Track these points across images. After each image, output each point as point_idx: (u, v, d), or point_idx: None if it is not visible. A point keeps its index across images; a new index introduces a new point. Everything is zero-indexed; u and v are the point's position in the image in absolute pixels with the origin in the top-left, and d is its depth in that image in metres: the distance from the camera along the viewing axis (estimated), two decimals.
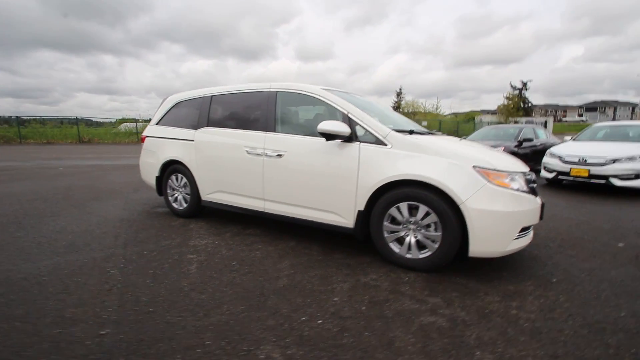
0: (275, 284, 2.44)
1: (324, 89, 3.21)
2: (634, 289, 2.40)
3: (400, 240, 2.74)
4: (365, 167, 2.77)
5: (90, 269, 2.65)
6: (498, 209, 2.38)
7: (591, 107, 77.79)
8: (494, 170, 2.47)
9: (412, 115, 34.49)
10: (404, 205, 2.64)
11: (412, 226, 2.66)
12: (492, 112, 50.14)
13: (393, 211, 2.70)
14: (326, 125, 2.81)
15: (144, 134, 4.61)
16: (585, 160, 5.91)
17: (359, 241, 3.21)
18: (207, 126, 3.86)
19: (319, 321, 1.97)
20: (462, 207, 2.40)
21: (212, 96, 3.94)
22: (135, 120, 24.79)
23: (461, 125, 31.58)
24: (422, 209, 2.57)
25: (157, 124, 4.49)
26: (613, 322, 1.99)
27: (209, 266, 2.74)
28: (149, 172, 4.48)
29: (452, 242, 2.48)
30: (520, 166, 2.75)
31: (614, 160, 5.62)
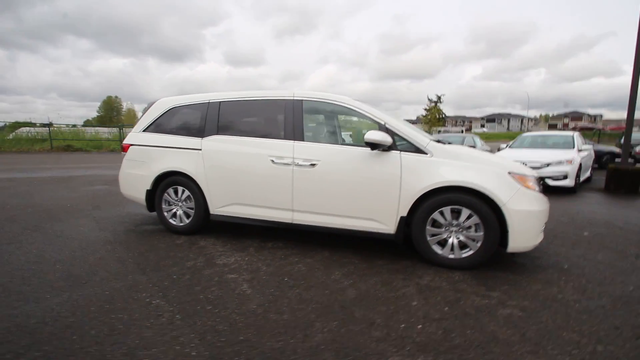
0: (346, 295, 2.41)
1: (354, 100, 3.28)
2: (623, 268, 2.99)
3: (441, 243, 2.94)
4: (408, 174, 2.92)
5: (124, 302, 2.26)
6: (532, 209, 2.74)
7: (491, 119, 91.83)
8: (524, 175, 2.84)
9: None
10: (447, 210, 2.85)
11: (454, 228, 2.88)
12: (413, 122, 55.33)
13: (436, 215, 2.89)
14: (374, 135, 2.89)
15: (127, 141, 4.05)
16: (526, 164, 7.01)
17: (398, 246, 3.32)
18: (217, 134, 3.59)
19: (419, 326, 2.03)
20: (503, 208, 2.70)
21: (220, 102, 3.68)
22: (32, 125, 20.85)
23: None
24: (465, 212, 2.81)
25: (144, 130, 3.99)
26: (629, 294, 2.46)
27: (262, 284, 2.56)
28: (136, 185, 3.94)
29: (493, 240, 2.77)
30: (533, 172, 3.20)
31: (548, 164, 6.80)
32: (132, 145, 3.98)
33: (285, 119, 3.37)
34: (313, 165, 3.16)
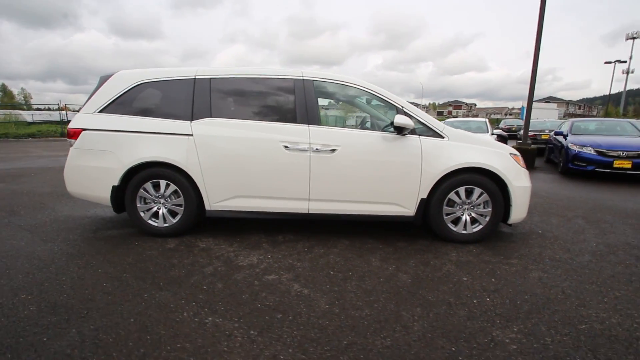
0: (401, 280, 2.41)
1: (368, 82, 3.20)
2: (575, 229, 3.71)
3: (454, 221, 3.17)
4: (427, 157, 3.02)
5: (167, 327, 1.81)
6: (527, 185, 3.16)
7: None
8: (518, 155, 3.24)
9: None
10: (462, 190, 3.08)
11: (466, 206, 3.14)
12: (325, 108, 57.14)
13: (452, 195, 3.09)
14: (402, 120, 2.88)
15: (76, 125, 3.13)
16: None
17: (417, 227, 3.45)
18: (210, 116, 3.07)
19: (487, 299, 2.18)
20: (509, 186, 3.05)
21: (210, 79, 3.13)
22: None
23: None
24: (477, 191, 3.08)
25: (100, 111, 3.15)
26: (598, 249, 3.10)
27: (313, 281, 2.37)
28: (94, 181, 3.12)
29: (499, 214, 3.11)
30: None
31: None
32: (85, 130, 3.11)
33: (297, 101, 3.09)
34: (333, 150, 3.00)
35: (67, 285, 2.24)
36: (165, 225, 3.18)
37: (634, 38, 33.14)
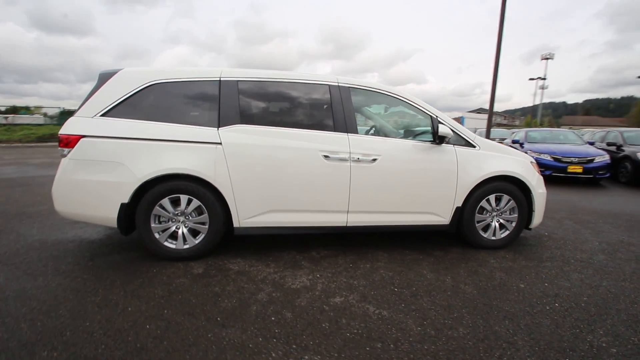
0: (467, 292, 2.36)
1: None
2: (574, 230, 4.06)
3: (484, 228, 3.24)
4: (462, 167, 3.06)
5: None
6: (544, 191, 3.36)
7: None
8: (534, 163, 3.44)
9: None
10: (492, 197, 3.17)
11: (494, 213, 3.23)
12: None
13: (483, 203, 3.16)
14: (445, 129, 2.89)
15: (73, 131, 2.59)
16: None
17: (451, 235, 3.47)
18: (240, 123, 2.76)
19: (556, 304, 2.22)
20: (533, 192, 3.22)
21: (237, 81, 2.82)
22: None
23: None
24: (505, 198, 3.20)
25: (104, 114, 2.65)
26: (602, 248, 3.40)
27: (384, 301, 2.21)
28: (98, 198, 2.60)
29: (524, 220, 3.26)
30: None
31: None
32: (85, 137, 2.58)
33: (334, 108, 2.92)
34: (374, 160, 2.88)
35: (98, 333, 1.79)
36: (186, 246, 2.76)
37: (547, 58, 38.43)
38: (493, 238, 3.24)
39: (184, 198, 2.70)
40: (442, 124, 3.05)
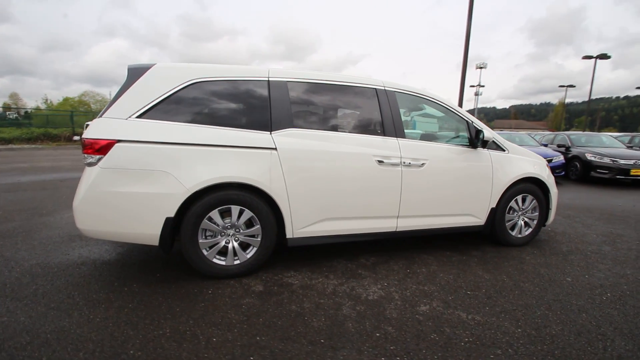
0: (534, 291, 2.47)
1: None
2: (587, 223, 4.48)
3: (511, 227, 3.44)
4: (496, 169, 3.21)
5: None
6: (557, 191, 3.67)
7: None
8: (548, 164, 3.74)
9: None
10: (519, 197, 3.37)
11: (520, 212, 3.45)
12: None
13: (512, 203, 3.35)
14: (489, 134, 3.00)
15: (107, 134, 2.19)
16: None
17: (485, 235, 3.57)
18: (292, 127, 2.58)
19: (609, 294, 2.42)
20: (551, 192, 3.49)
21: (287, 82, 2.64)
22: None
23: None
24: (529, 198, 3.42)
25: (141, 115, 2.29)
26: (606, 234, 3.80)
27: (465, 306, 2.21)
28: (138, 213, 2.24)
29: (543, 218, 3.53)
30: None
31: None
32: (120, 141, 2.20)
33: (382, 112, 2.87)
34: (422, 164, 2.89)
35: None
36: (236, 262, 2.50)
37: (481, 67, 42.41)
38: (519, 236, 3.45)
39: (235, 209, 2.44)
40: (483, 129, 3.16)
